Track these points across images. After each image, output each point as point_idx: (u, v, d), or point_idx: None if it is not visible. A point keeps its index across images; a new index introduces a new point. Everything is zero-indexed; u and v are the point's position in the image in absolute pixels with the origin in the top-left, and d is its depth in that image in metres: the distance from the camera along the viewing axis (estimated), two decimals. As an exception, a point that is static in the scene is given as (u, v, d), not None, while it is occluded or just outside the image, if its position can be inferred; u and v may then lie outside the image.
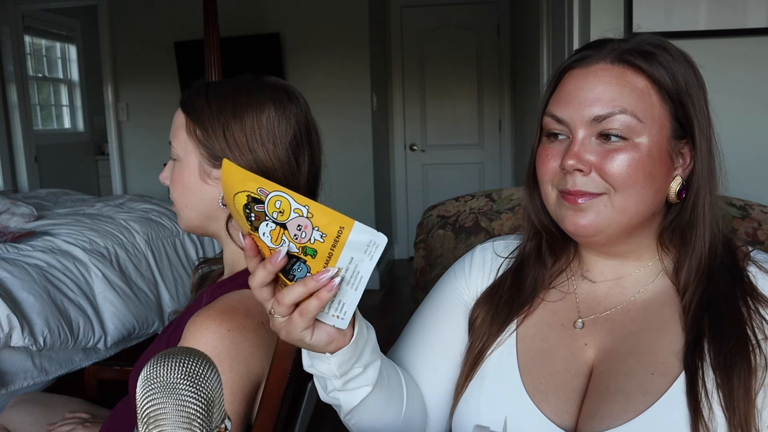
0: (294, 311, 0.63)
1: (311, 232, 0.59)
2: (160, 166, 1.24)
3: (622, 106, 0.73)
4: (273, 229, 0.61)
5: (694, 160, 0.77)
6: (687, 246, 0.77)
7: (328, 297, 0.61)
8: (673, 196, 0.77)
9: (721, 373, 0.69)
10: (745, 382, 0.69)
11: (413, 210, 5.14)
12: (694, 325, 0.74)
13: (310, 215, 0.59)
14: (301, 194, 0.60)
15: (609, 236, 0.77)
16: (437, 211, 1.30)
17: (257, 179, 0.60)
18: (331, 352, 0.68)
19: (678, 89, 0.75)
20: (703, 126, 0.76)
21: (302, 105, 1.00)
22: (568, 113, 0.76)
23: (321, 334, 0.66)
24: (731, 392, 0.68)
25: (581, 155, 0.74)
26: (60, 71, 5.98)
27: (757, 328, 0.71)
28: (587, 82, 0.75)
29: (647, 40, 0.77)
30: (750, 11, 2.05)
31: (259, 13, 4.57)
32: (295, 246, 0.60)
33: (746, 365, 0.69)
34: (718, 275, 0.75)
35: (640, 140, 0.73)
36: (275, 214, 0.60)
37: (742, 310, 0.72)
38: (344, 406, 0.75)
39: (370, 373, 0.73)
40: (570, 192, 0.75)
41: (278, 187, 0.60)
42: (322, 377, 0.73)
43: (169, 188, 1.02)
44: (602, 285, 0.83)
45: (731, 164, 0.81)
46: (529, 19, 3.67)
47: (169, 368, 0.48)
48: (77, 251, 2.56)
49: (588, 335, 0.81)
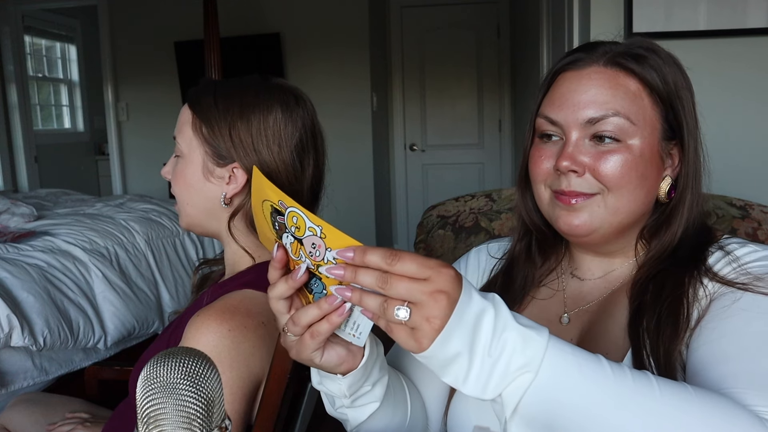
0: (305, 332, 0.63)
1: (324, 252, 0.59)
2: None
3: (616, 109, 0.74)
4: (292, 242, 0.62)
5: (682, 160, 0.78)
6: (658, 239, 0.79)
7: (338, 321, 0.61)
8: (663, 196, 0.79)
9: (651, 338, 0.71)
10: (668, 343, 0.70)
11: (413, 210, 5.14)
12: (637, 296, 0.76)
13: (323, 236, 0.58)
14: (303, 199, 0.60)
15: (602, 236, 0.78)
16: (437, 211, 1.30)
17: (278, 192, 0.61)
18: (342, 374, 0.68)
19: (669, 91, 0.76)
20: (691, 127, 0.78)
21: (309, 109, 1.01)
22: (562, 115, 0.77)
23: (331, 355, 0.66)
24: (658, 356, 0.70)
25: (575, 157, 0.75)
26: (60, 71, 5.98)
27: (692, 294, 0.72)
28: (580, 85, 0.76)
29: (638, 43, 0.79)
30: (750, 11, 2.05)
31: (259, 13, 4.57)
32: (310, 262, 0.61)
33: (672, 328, 0.70)
34: (676, 257, 0.77)
35: (633, 142, 0.75)
36: (293, 229, 0.61)
37: (685, 279, 0.73)
38: (352, 421, 0.76)
39: (378, 390, 0.74)
40: (564, 192, 0.76)
41: (294, 203, 0.60)
42: (330, 395, 0.74)
43: (170, 184, 1.02)
44: (590, 282, 0.85)
45: (732, 164, 0.82)
46: (529, 19, 3.67)
47: (169, 368, 0.48)
48: (77, 251, 2.56)
49: (573, 329, 0.83)
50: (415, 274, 0.55)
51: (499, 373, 0.56)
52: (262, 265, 0.98)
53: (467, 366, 0.56)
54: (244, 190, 0.97)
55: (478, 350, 0.56)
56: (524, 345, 0.56)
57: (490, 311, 0.56)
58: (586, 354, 0.58)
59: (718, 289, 0.72)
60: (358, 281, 0.56)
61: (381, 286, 0.55)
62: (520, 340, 0.56)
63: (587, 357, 0.58)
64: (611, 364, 0.58)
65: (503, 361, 0.56)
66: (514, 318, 0.57)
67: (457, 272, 0.56)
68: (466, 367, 0.56)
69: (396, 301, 0.55)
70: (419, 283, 0.54)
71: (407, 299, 0.55)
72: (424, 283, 0.54)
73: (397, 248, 0.57)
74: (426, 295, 0.54)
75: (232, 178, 0.97)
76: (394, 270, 0.55)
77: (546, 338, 0.56)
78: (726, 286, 0.71)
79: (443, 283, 0.54)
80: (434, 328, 0.54)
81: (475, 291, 0.57)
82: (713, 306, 0.71)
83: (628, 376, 0.57)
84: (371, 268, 0.56)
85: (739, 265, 0.72)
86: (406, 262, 0.55)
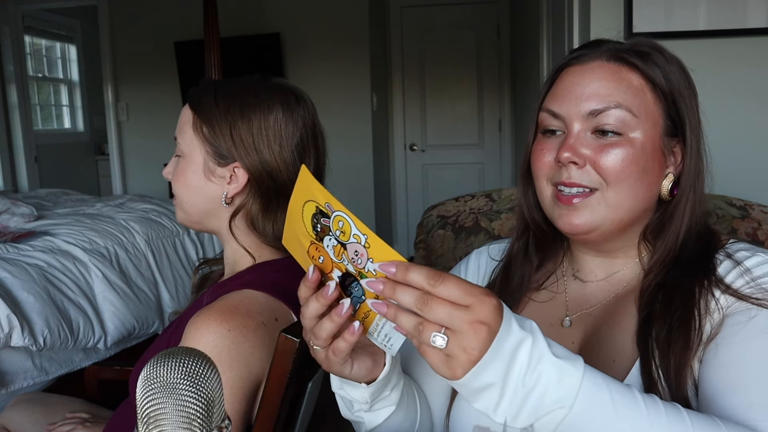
0: (328, 349, 0.63)
1: (366, 261, 0.58)
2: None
3: (618, 101, 0.74)
4: (335, 245, 0.61)
5: (684, 159, 0.78)
6: (662, 240, 0.78)
7: (352, 340, 0.61)
8: (666, 193, 0.78)
9: (661, 349, 0.70)
10: (680, 357, 0.69)
11: (413, 210, 5.14)
12: (646, 305, 0.75)
13: (367, 245, 0.58)
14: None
15: (603, 233, 0.78)
16: (437, 211, 1.30)
17: (326, 194, 0.60)
18: (367, 383, 0.70)
19: (671, 88, 0.77)
20: (694, 126, 0.78)
21: (310, 108, 1.01)
22: (565, 108, 0.77)
23: (360, 368, 0.67)
24: (668, 368, 0.69)
25: (576, 148, 0.75)
26: (60, 71, 5.98)
27: (703, 306, 0.72)
28: (583, 78, 0.77)
29: (643, 42, 0.79)
30: (750, 11, 2.05)
31: (259, 13, 4.57)
32: (353, 267, 0.60)
33: (683, 341, 0.70)
34: (683, 262, 0.76)
35: (635, 135, 0.75)
36: (338, 232, 0.60)
37: (696, 290, 0.73)
38: (368, 424, 0.77)
39: (395, 395, 0.75)
40: (565, 183, 0.76)
41: (343, 208, 0.59)
42: (349, 400, 0.74)
43: (171, 183, 1.02)
44: (592, 284, 0.84)
45: (732, 164, 0.82)
46: (529, 19, 3.67)
47: (169, 368, 0.48)
48: (77, 251, 2.56)
49: (575, 332, 0.82)
50: (457, 299, 0.53)
51: (532, 405, 0.55)
52: (263, 265, 0.98)
53: (499, 396, 0.55)
54: (245, 189, 0.97)
55: (511, 381, 0.55)
56: (559, 379, 0.55)
57: (528, 342, 0.55)
58: (619, 387, 0.57)
59: (731, 304, 0.71)
60: (396, 298, 0.55)
61: (419, 307, 0.53)
62: (555, 373, 0.55)
63: (621, 390, 0.57)
64: (644, 398, 0.57)
65: (537, 393, 0.55)
66: (549, 347, 0.56)
67: (499, 302, 0.55)
68: (497, 397, 0.55)
69: (433, 326, 0.53)
70: (460, 310, 0.53)
71: (446, 325, 0.53)
72: (466, 310, 0.53)
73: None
74: (466, 324, 0.52)
75: (233, 178, 0.97)
76: (436, 292, 0.53)
77: (581, 372, 0.56)
78: (740, 301, 0.70)
79: (485, 314, 0.53)
80: (471, 359, 0.53)
81: (515, 320, 0.56)
82: (727, 322, 0.70)
83: (662, 411, 0.57)
84: (412, 286, 0.54)
85: (752, 279, 0.71)
86: (450, 285, 0.53)
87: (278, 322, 0.91)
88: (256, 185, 0.97)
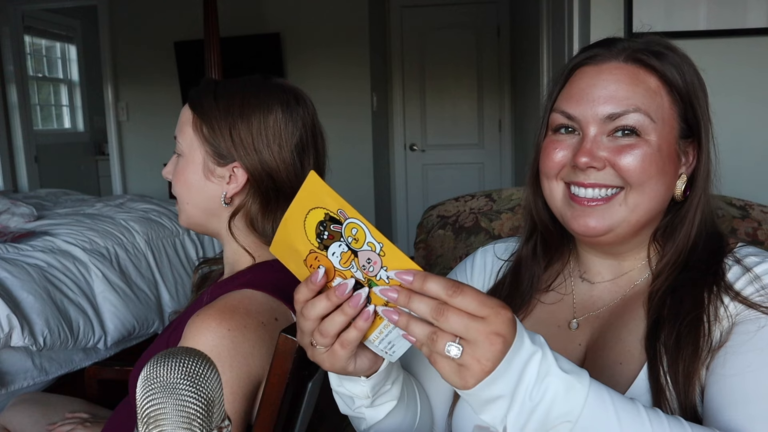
0: (335, 343, 0.62)
1: (379, 269, 0.58)
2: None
3: (636, 105, 0.73)
4: (345, 251, 0.60)
5: (698, 160, 0.77)
6: (672, 242, 0.77)
7: (365, 327, 0.60)
8: (679, 194, 0.77)
9: (669, 355, 0.70)
10: (689, 363, 0.69)
11: (413, 210, 5.14)
12: (655, 310, 0.74)
13: (381, 253, 0.57)
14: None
15: (617, 235, 0.76)
16: (437, 211, 1.30)
17: (339, 200, 0.59)
18: (366, 376, 0.69)
19: (687, 90, 0.75)
20: (707, 127, 0.77)
21: (309, 108, 1.01)
22: (580, 110, 0.75)
23: (363, 361, 0.66)
24: (676, 374, 0.69)
25: (594, 152, 0.73)
26: (60, 71, 5.98)
27: (712, 313, 0.71)
28: (600, 80, 0.75)
29: (656, 40, 0.77)
30: (750, 11, 2.05)
31: (259, 13, 4.57)
32: (361, 274, 0.59)
33: (692, 347, 0.69)
34: (692, 266, 0.75)
35: (650, 138, 0.73)
36: (350, 239, 0.59)
37: (704, 295, 0.72)
38: (369, 420, 0.76)
39: (396, 389, 0.74)
40: (583, 184, 0.75)
41: (358, 215, 0.58)
42: (349, 396, 0.73)
43: (171, 183, 1.02)
44: (600, 285, 0.83)
45: (731, 164, 0.82)
46: (529, 19, 3.67)
47: (169, 368, 0.48)
48: (77, 251, 2.56)
49: (582, 335, 0.81)
50: (474, 311, 0.53)
51: (538, 419, 0.56)
52: (262, 265, 0.98)
53: (507, 407, 0.56)
54: (245, 189, 0.97)
55: (519, 394, 0.55)
56: (566, 393, 0.55)
57: (538, 356, 0.55)
58: (624, 401, 0.58)
59: (741, 311, 0.70)
60: (410, 307, 0.55)
61: (435, 317, 0.54)
62: (562, 388, 0.55)
63: (625, 405, 0.57)
64: (648, 412, 0.58)
65: (543, 406, 0.55)
66: (557, 361, 0.57)
67: (513, 315, 0.55)
68: (505, 409, 0.56)
69: (447, 335, 0.53)
70: (476, 321, 0.53)
71: (461, 335, 0.53)
72: (482, 321, 0.53)
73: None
74: (482, 336, 0.53)
75: (232, 178, 0.97)
76: (454, 303, 0.53)
77: (587, 386, 0.56)
78: (749, 309, 0.69)
79: (501, 326, 0.53)
80: (484, 370, 0.54)
81: (527, 334, 0.56)
82: (736, 330, 0.69)
83: (665, 425, 0.57)
84: (428, 296, 0.54)
85: (762, 287, 0.70)
86: (468, 297, 0.53)
87: (278, 321, 0.91)
88: (255, 185, 0.97)
